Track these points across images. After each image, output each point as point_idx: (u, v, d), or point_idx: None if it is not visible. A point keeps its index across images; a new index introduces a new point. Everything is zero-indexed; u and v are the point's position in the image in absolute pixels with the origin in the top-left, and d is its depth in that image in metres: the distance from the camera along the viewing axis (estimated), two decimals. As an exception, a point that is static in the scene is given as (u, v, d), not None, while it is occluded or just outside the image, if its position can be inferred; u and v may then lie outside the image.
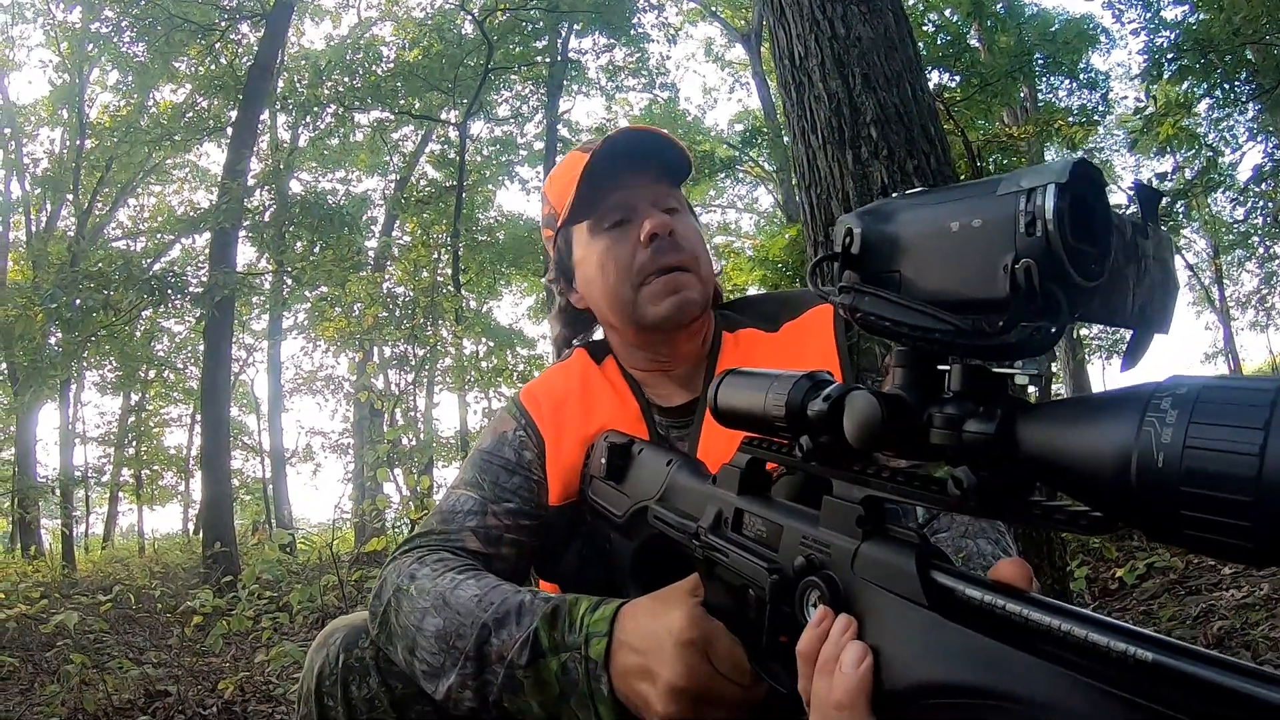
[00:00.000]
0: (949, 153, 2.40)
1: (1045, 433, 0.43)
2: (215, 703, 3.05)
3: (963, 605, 0.47)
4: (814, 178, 2.33)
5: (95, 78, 13.91)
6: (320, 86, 13.46)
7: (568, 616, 0.81)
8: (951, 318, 0.47)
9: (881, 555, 0.53)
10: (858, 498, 0.56)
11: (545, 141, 12.21)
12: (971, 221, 0.46)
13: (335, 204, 11.94)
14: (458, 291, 12.25)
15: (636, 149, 1.04)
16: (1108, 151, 19.00)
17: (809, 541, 0.60)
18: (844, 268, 0.53)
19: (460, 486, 1.09)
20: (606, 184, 1.03)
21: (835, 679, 0.50)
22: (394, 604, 0.93)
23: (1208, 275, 21.77)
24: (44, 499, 12.86)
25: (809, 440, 0.58)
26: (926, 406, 0.50)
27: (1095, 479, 0.40)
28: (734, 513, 0.71)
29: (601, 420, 1.06)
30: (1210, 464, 0.34)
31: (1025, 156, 8.95)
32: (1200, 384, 0.36)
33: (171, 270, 10.23)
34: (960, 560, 0.84)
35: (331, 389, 17.22)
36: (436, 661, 0.86)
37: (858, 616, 0.53)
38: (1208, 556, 0.36)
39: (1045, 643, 0.42)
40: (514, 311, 27.73)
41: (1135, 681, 0.37)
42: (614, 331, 1.12)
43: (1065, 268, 0.42)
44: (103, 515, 19.15)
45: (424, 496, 5.24)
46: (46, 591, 4.84)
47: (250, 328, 17.90)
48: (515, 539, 1.04)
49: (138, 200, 17.12)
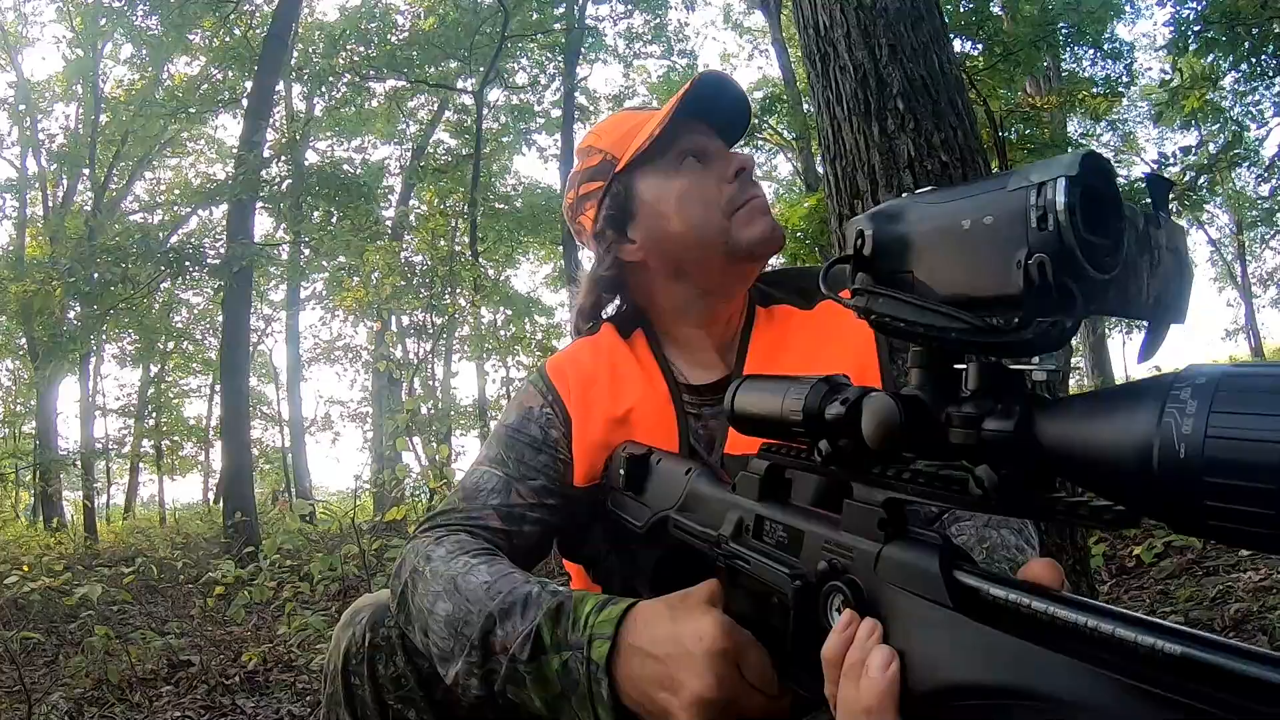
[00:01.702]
0: (976, 125, 2.36)
1: (1065, 428, 0.43)
2: (238, 672, 3.11)
3: (988, 605, 0.47)
4: (839, 150, 2.30)
5: (109, 52, 13.92)
6: (335, 56, 13.38)
7: (572, 614, 0.80)
8: (966, 316, 0.47)
9: (904, 557, 0.53)
10: (878, 500, 0.56)
11: (563, 109, 12.09)
12: (983, 219, 0.46)
13: (352, 173, 11.92)
14: (475, 260, 12.23)
15: (717, 96, 1.05)
16: (1131, 123, 18.64)
17: (831, 546, 0.59)
18: (857, 269, 0.53)
19: (484, 463, 1.08)
20: (681, 126, 1.03)
21: (863, 683, 0.50)
22: (411, 585, 0.93)
23: (1230, 251, 21.43)
24: (65, 472, 13.04)
25: (828, 444, 0.58)
26: (944, 406, 0.50)
27: (1117, 472, 0.39)
28: (754, 520, 0.71)
29: (629, 401, 1.04)
30: (1232, 453, 0.34)
31: (1048, 127, 8.79)
32: (1219, 372, 0.36)
33: (189, 242, 10.28)
34: (984, 551, 0.83)
35: (350, 358, 17.36)
36: (446, 646, 0.85)
37: (882, 620, 0.53)
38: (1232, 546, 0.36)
39: (1072, 640, 0.42)
40: (532, 280, 27.70)
41: (1163, 676, 0.37)
42: (677, 281, 1.07)
43: (1079, 261, 0.41)
44: (124, 486, 19.44)
45: (443, 465, 5.27)
46: (70, 564, 4.93)
47: (268, 298, 17.99)
48: (539, 518, 1.03)
49: (154, 173, 17.20)
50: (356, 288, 10.79)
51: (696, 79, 1.02)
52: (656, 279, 1.09)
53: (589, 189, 1.11)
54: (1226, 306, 23.26)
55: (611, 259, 1.09)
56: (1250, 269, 21.26)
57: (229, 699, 2.89)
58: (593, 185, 1.10)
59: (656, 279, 1.09)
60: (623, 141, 1.07)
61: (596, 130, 1.14)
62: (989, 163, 2.32)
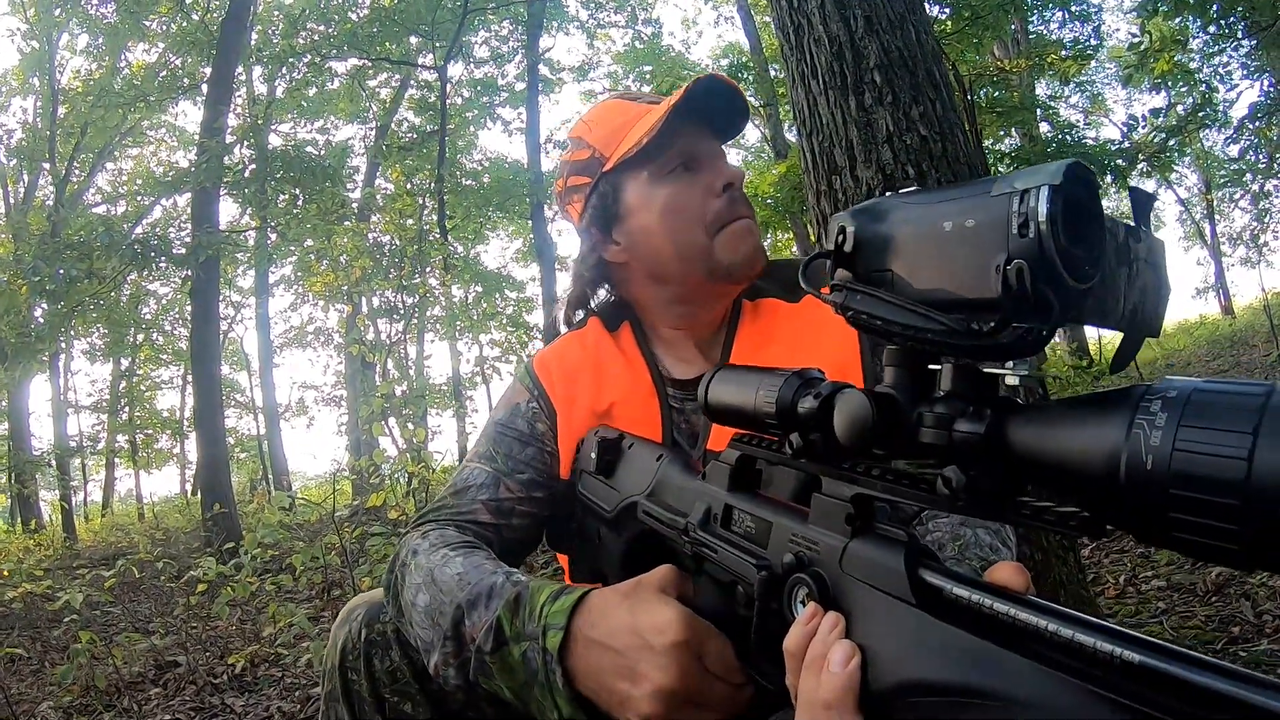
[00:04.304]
0: (954, 97, 2.33)
1: (1035, 433, 0.44)
2: (225, 670, 3.09)
3: (951, 604, 0.48)
4: (815, 125, 2.26)
5: (65, 43, 13.59)
6: (295, 36, 13.09)
7: (529, 604, 0.80)
8: (943, 317, 0.47)
9: (870, 553, 0.53)
10: (847, 495, 0.56)
11: (527, 81, 11.92)
12: (965, 221, 0.46)
13: (316, 156, 11.71)
14: (445, 239, 12.11)
15: (711, 100, 1.03)
16: (1099, 84, 18.74)
17: (798, 538, 0.60)
18: (836, 266, 0.53)
19: (474, 459, 1.09)
20: (672, 131, 1.01)
21: (823, 677, 0.50)
22: (400, 578, 0.95)
23: (1199, 211, 21.72)
24: (41, 472, 12.87)
25: (799, 438, 0.59)
26: (917, 405, 0.50)
27: (1084, 480, 0.40)
28: (723, 509, 0.71)
29: (613, 395, 1.05)
30: (1199, 467, 0.34)
31: (1017, 90, 8.81)
32: (1190, 387, 0.37)
33: (154, 234, 10.07)
34: (956, 548, 0.84)
35: (322, 341, 17.20)
36: (427, 637, 0.87)
37: (846, 614, 0.53)
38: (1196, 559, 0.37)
39: (1033, 642, 0.42)
40: (502, 255, 27.51)
41: (1122, 682, 0.37)
42: (658, 285, 1.07)
43: (1057, 269, 0.42)
44: (100, 482, 19.22)
45: (420, 449, 5.26)
46: (50, 566, 4.86)
47: (236, 285, 17.74)
48: (527, 510, 1.06)
49: (115, 164, 16.81)
50: (325, 272, 10.65)
51: (691, 85, 1.00)
52: (637, 280, 1.09)
53: (577, 182, 1.10)
54: (1196, 265, 23.61)
55: (595, 257, 1.09)
56: (1219, 228, 21.56)
57: (218, 699, 2.88)
58: (580, 179, 1.10)
59: (637, 280, 1.09)
60: (612, 138, 1.06)
61: (587, 120, 1.12)
62: (968, 136, 2.30)
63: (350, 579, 3.13)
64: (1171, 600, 2.51)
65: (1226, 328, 13.68)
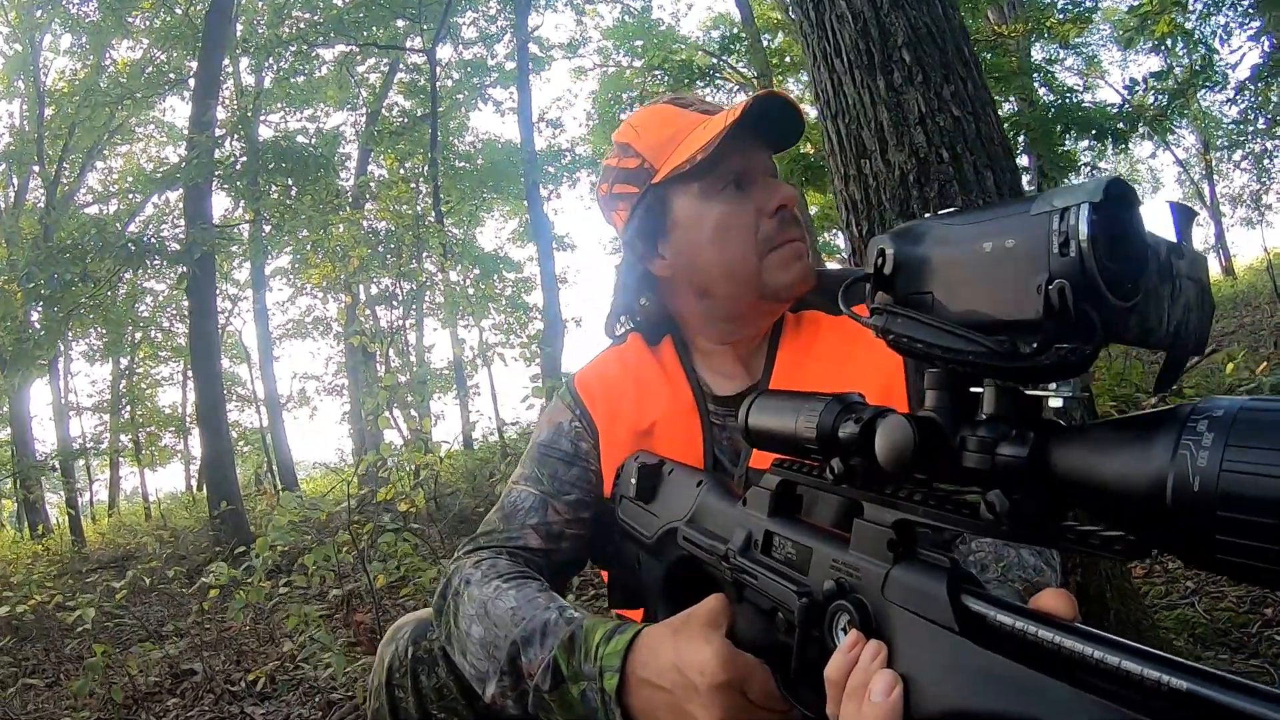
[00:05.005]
0: (984, 74, 2.24)
1: (1079, 456, 0.43)
2: (242, 678, 3.10)
3: (994, 631, 0.47)
4: (841, 106, 2.15)
5: (48, 44, 13.49)
6: (281, 25, 12.97)
7: (584, 645, 0.81)
8: (984, 339, 0.46)
9: (912, 580, 0.53)
10: (889, 521, 0.56)
11: (517, 60, 11.80)
12: (1004, 242, 0.45)
13: (307, 145, 11.63)
14: (440, 223, 12.08)
15: (767, 117, 1.00)
16: (1095, 46, 18.57)
17: (839, 565, 0.60)
18: (876, 289, 0.53)
19: (520, 482, 1.10)
20: (726, 147, 0.98)
21: (865, 708, 0.50)
22: (453, 607, 0.96)
23: (1197, 171, 21.62)
24: (45, 476, 12.92)
25: (840, 463, 0.58)
26: (959, 429, 0.49)
27: (1129, 503, 0.39)
28: (764, 535, 0.71)
29: (654, 413, 1.05)
30: (1247, 488, 0.34)
31: (1015, 55, 8.72)
32: (1237, 406, 0.36)
33: (147, 232, 10.03)
34: (999, 569, 0.83)
35: (321, 331, 17.20)
36: (482, 668, 0.88)
37: (888, 641, 0.53)
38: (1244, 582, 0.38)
39: (1078, 670, 0.42)
40: (498, 236, 27.46)
41: (1169, 710, 0.37)
42: (703, 301, 1.04)
43: (1100, 288, 0.41)
44: (106, 483, 19.28)
45: (425, 439, 5.27)
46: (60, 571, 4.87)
47: (232, 278, 17.69)
48: (575, 533, 1.06)
49: (105, 163, 16.70)
50: (323, 263, 10.63)
51: (749, 103, 0.97)
52: (682, 295, 1.07)
53: (623, 190, 1.07)
54: (1196, 227, 23.53)
55: (641, 269, 1.08)
56: (1218, 189, 21.46)
57: (237, 707, 2.88)
58: (627, 188, 1.06)
59: (682, 295, 1.07)
60: (662, 149, 1.03)
61: (636, 125, 1.08)
62: (999, 116, 2.22)
63: (367, 576, 3.13)
64: (1200, 580, 2.48)
65: (1229, 289, 13.64)
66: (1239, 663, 1.97)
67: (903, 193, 2.01)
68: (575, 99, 23.50)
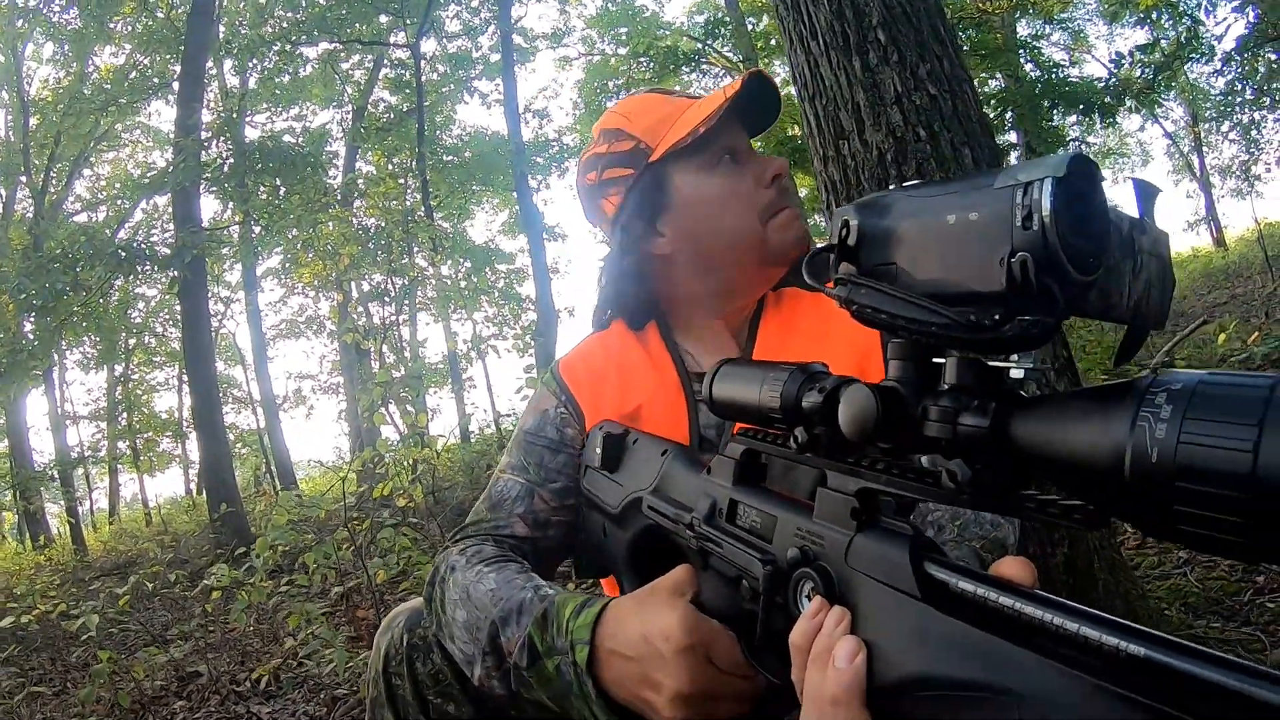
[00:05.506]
0: (960, 52, 2.25)
1: (1039, 427, 0.44)
2: (247, 677, 3.11)
3: (956, 598, 0.48)
4: (818, 88, 2.17)
5: (30, 53, 13.41)
6: (263, 25, 12.89)
7: (555, 620, 0.82)
8: (947, 311, 0.47)
9: (875, 547, 0.53)
10: (852, 489, 0.56)
11: (501, 52, 11.73)
12: (968, 215, 0.46)
13: (294, 145, 11.58)
14: (430, 218, 12.03)
15: (756, 96, 1.04)
16: (1080, 20, 18.51)
17: (803, 533, 0.60)
18: (840, 259, 0.53)
19: (507, 471, 1.10)
20: (719, 124, 1.02)
21: (829, 673, 0.51)
22: (438, 594, 0.97)
23: (1186, 144, 21.61)
24: (45, 486, 12.89)
25: (804, 432, 0.59)
26: (922, 399, 0.50)
27: (1089, 474, 0.40)
28: (728, 503, 0.71)
29: (639, 396, 1.05)
30: (1204, 460, 0.34)
31: (1000, 32, 8.70)
32: (1195, 379, 0.36)
33: (136, 238, 9.99)
34: (957, 528, 0.85)
35: (315, 330, 17.16)
36: (468, 651, 0.89)
37: (852, 608, 0.53)
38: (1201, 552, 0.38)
39: (1038, 636, 0.42)
40: (488, 229, 27.39)
41: (1127, 676, 0.38)
42: (703, 276, 1.07)
43: (1061, 262, 0.41)
44: (105, 490, 19.26)
45: (422, 433, 5.28)
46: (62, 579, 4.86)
47: (224, 280, 17.64)
48: (561, 520, 1.07)
49: (93, 170, 16.59)
50: (314, 261, 10.60)
51: (745, 79, 1.01)
52: (681, 273, 1.08)
53: (615, 174, 1.08)
54: (1186, 199, 23.57)
55: (638, 251, 1.08)
56: (1208, 160, 21.45)
57: (243, 707, 2.89)
58: (620, 171, 1.08)
59: (681, 273, 1.08)
60: (656, 129, 1.05)
61: (623, 112, 1.10)
62: (976, 93, 2.23)
63: (366, 573, 3.14)
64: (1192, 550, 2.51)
65: (1220, 260, 13.65)
66: (1231, 630, 1.99)
67: (881, 172, 2.02)
68: (561, 89, 23.57)
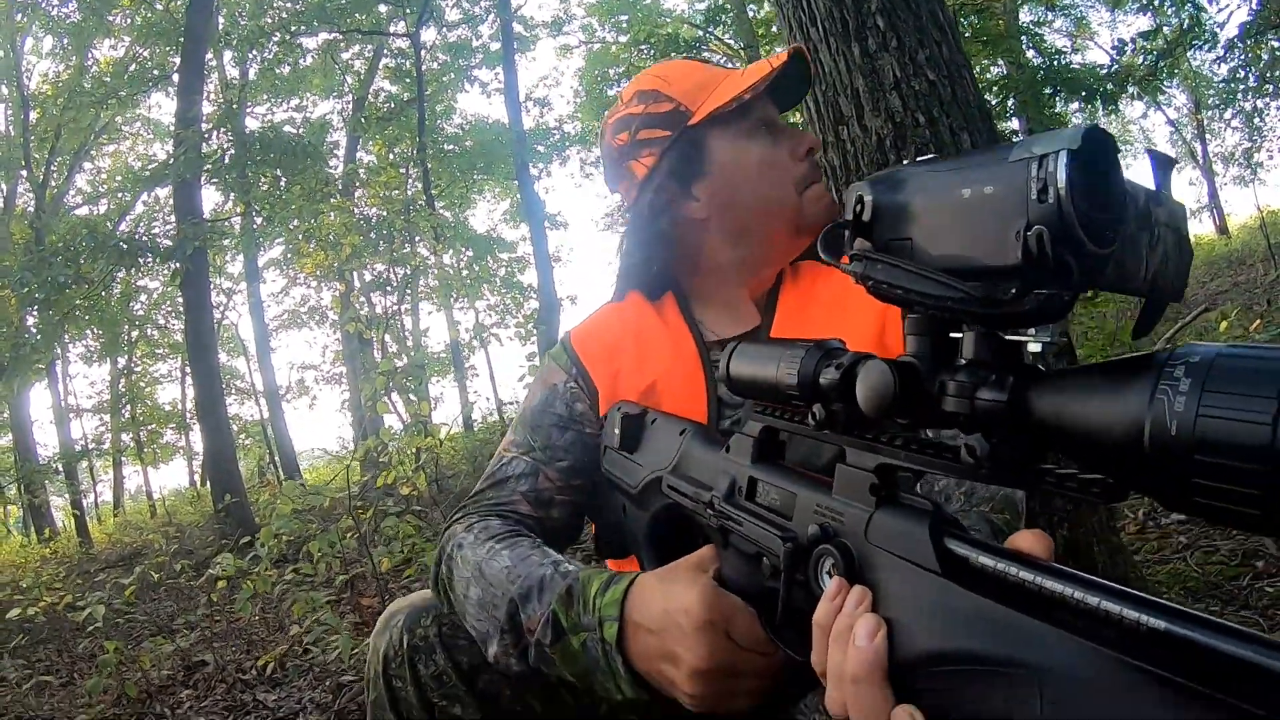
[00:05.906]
0: (959, 39, 2.25)
1: (1057, 401, 0.44)
2: (253, 665, 3.12)
3: (976, 573, 0.48)
4: (817, 73, 2.16)
5: (30, 47, 13.40)
6: (263, 16, 12.85)
7: (581, 596, 0.82)
8: (963, 285, 0.46)
9: (895, 523, 0.53)
10: (871, 466, 0.56)
11: (502, 41, 11.68)
12: (983, 188, 0.45)
13: (295, 135, 11.56)
14: (431, 207, 12.02)
15: (789, 76, 1.05)
16: (1083, 7, 18.41)
17: (823, 509, 0.60)
18: (856, 235, 0.53)
19: (511, 448, 1.08)
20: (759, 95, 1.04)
21: (850, 652, 0.51)
22: (447, 572, 0.96)
23: (1189, 131, 21.52)
24: (49, 479, 12.92)
25: (822, 409, 0.58)
26: (939, 374, 0.50)
27: (1107, 447, 0.40)
28: (748, 481, 0.71)
29: (657, 368, 1.04)
30: (1223, 433, 0.34)
31: (1002, 19, 8.66)
32: (1214, 352, 0.36)
33: (138, 230, 9.99)
34: (962, 497, 0.85)
35: (317, 320, 17.18)
36: (483, 628, 0.88)
37: (871, 585, 0.53)
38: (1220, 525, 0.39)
39: (1058, 610, 0.42)
40: (490, 218, 27.31)
41: (1147, 649, 0.37)
42: (733, 242, 1.06)
43: (1078, 235, 0.41)
44: (110, 483, 19.29)
45: (425, 422, 5.31)
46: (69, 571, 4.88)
47: (226, 272, 17.64)
48: (567, 500, 1.05)
49: (93, 163, 16.56)
50: (315, 252, 10.58)
51: (790, 53, 1.03)
52: (712, 239, 1.08)
53: (650, 134, 1.07)
54: (1189, 186, 23.47)
55: (671, 214, 1.07)
56: (1210, 148, 21.37)
57: (250, 695, 2.89)
58: (657, 132, 1.07)
59: (712, 239, 1.08)
60: (696, 94, 1.05)
61: (662, 75, 1.10)
62: (975, 79, 2.23)
63: (370, 559, 3.15)
64: (1193, 534, 2.50)
65: (1223, 247, 13.63)
66: (1230, 614, 2.00)
67: (880, 158, 2.03)
68: (562, 77, 23.49)
